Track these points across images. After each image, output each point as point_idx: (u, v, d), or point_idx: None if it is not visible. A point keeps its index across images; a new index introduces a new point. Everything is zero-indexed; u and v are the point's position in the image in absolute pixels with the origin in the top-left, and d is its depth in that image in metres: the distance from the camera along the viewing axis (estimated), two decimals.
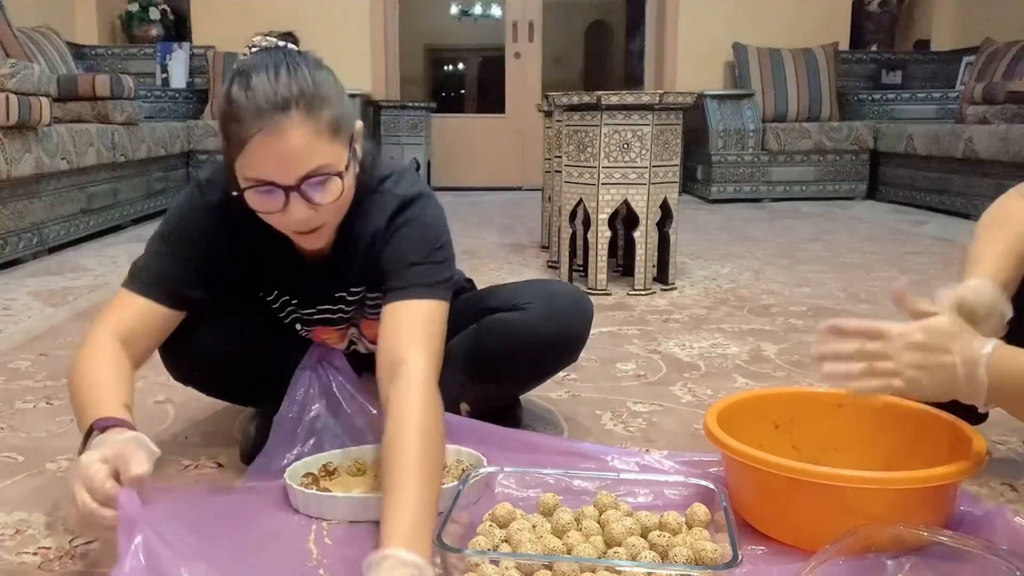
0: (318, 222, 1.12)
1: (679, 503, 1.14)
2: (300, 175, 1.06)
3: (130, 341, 1.17)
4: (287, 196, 1.07)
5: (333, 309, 1.32)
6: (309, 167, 1.06)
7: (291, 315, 1.35)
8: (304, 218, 1.09)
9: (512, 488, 1.19)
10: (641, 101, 2.54)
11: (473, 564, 0.94)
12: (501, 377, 1.38)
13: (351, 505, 1.14)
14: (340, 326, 1.36)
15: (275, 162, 1.04)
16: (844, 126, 5.49)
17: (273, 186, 1.06)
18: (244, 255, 1.25)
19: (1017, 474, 1.29)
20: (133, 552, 0.86)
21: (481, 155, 6.53)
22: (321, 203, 1.09)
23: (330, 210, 1.11)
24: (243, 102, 1.04)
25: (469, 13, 9.32)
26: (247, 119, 1.04)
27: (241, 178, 1.08)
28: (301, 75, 1.06)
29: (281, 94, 1.03)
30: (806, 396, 1.30)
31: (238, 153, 1.06)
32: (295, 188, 1.06)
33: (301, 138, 1.04)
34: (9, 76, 2.96)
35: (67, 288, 2.77)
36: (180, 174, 5.18)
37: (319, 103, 1.06)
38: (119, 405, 1.06)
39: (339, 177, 1.09)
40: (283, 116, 1.03)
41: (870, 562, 0.90)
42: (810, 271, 3.08)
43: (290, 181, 1.06)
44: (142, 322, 1.19)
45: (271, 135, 1.03)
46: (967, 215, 4.45)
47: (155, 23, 5.78)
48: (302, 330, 1.37)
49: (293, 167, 1.05)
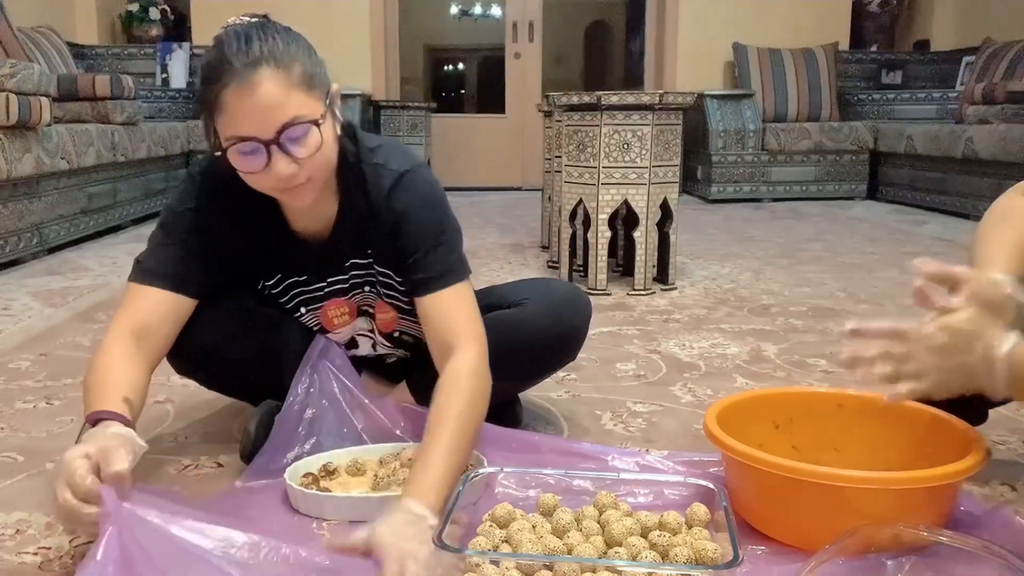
0: (303, 177, 1.13)
1: (679, 503, 1.14)
2: (277, 126, 1.08)
3: (144, 335, 1.19)
4: (268, 151, 1.09)
5: (344, 279, 1.32)
6: (285, 118, 1.08)
7: (297, 298, 1.35)
8: (288, 173, 1.11)
9: (512, 488, 1.19)
10: (641, 101, 2.54)
11: (474, 564, 0.94)
12: (500, 373, 1.38)
13: (351, 505, 1.14)
14: (351, 295, 1.35)
15: (252, 115, 1.07)
16: (844, 126, 5.49)
17: (253, 141, 1.08)
18: (244, 242, 1.27)
19: (1017, 474, 1.29)
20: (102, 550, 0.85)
21: (481, 155, 6.54)
22: (301, 155, 1.10)
23: (313, 164, 1.13)
24: (216, 63, 1.08)
25: (469, 13, 9.33)
26: (222, 77, 1.07)
27: (224, 140, 1.10)
28: (270, 37, 1.10)
29: (252, 53, 1.08)
30: (806, 396, 1.31)
31: (216, 114, 1.09)
32: (275, 141, 1.08)
33: (274, 88, 1.07)
34: (9, 76, 2.96)
35: (67, 288, 2.77)
36: (180, 174, 5.17)
37: (288, 57, 1.09)
38: (117, 399, 1.08)
39: (316, 127, 1.11)
40: (253, 71, 1.07)
41: (870, 562, 0.90)
42: (810, 271, 3.08)
43: (268, 134, 1.08)
44: (154, 313, 1.21)
45: (245, 89, 1.06)
46: (967, 215, 4.45)
47: (155, 23, 5.78)
48: (308, 312, 1.36)
49: (270, 118, 1.08)
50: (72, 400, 1.67)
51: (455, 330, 1.19)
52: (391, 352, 1.45)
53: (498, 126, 6.56)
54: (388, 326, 1.39)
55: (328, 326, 1.37)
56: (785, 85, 5.61)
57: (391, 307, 1.35)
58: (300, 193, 1.16)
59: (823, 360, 1.95)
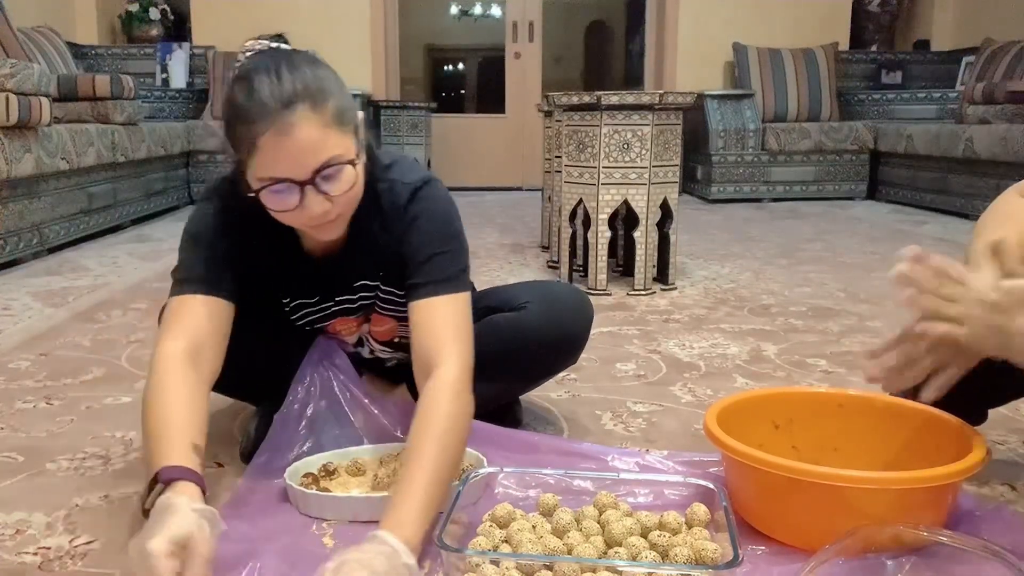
0: (334, 214, 1.12)
1: (679, 503, 1.14)
2: (313, 168, 1.06)
3: (200, 350, 1.13)
4: (302, 191, 1.07)
5: (353, 299, 1.32)
6: (321, 159, 1.06)
7: (306, 317, 1.34)
8: (321, 211, 1.10)
9: (512, 488, 1.19)
10: (641, 101, 2.54)
11: (474, 564, 0.94)
12: (500, 377, 1.38)
13: (351, 505, 1.14)
14: (359, 314, 1.35)
15: (288, 159, 1.05)
16: (844, 126, 5.49)
17: (288, 183, 1.07)
18: (257, 259, 1.24)
19: (1017, 474, 1.29)
20: None
21: (481, 155, 6.53)
22: (336, 194, 1.09)
23: (345, 200, 1.12)
24: (248, 104, 1.05)
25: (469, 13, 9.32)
26: (255, 120, 1.04)
27: (254, 180, 1.08)
28: (301, 71, 1.07)
29: (285, 91, 1.04)
30: (806, 396, 1.31)
31: (249, 155, 1.06)
32: (309, 182, 1.07)
33: (310, 132, 1.05)
34: (9, 76, 2.96)
35: (67, 288, 2.77)
36: (180, 174, 5.18)
37: (322, 96, 1.06)
38: (186, 448, 1.02)
39: (351, 166, 1.10)
40: (290, 113, 1.04)
41: (870, 562, 0.90)
42: (810, 271, 3.08)
43: (304, 176, 1.06)
44: (207, 323, 1.16)
45: (281, 133, 1.04)
46: (967, 215, 4.45)
47: (155, 23, 5.78)
48: (313, 331, 1.37)
49: (306, 161, 1.06)
50: (72, 400, 1.67)
51: (440, 343, 1.14)
52: (391, 356, 1.46)
53: (498, 126, 6.56)
54: (386, 336, 1.40)
55: (336, 337, 1.39)
56: (785, 85, 5.61)
57: (391, 319, 1.35)
58: (330, 228, 1.15)
59: (823, 360, 1.95)
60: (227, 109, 1.08)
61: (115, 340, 2.13)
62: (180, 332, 1.14)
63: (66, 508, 1.19)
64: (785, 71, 5.63)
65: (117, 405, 1.65)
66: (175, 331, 1.14)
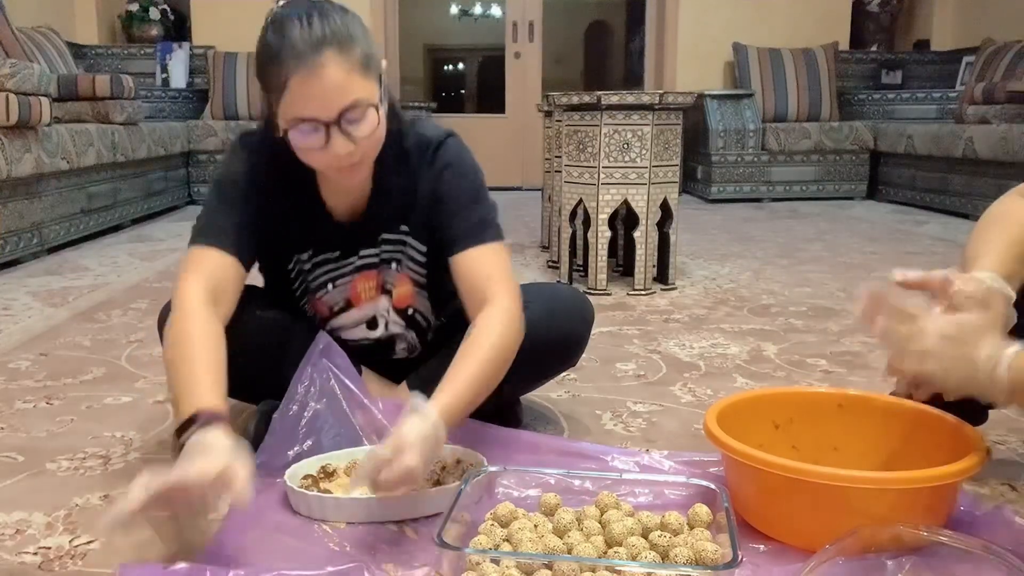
0: (358, 156, 1.18)
1: (680, 503, 1.14)
2: (339, 109, 1.13)
3: (218, 296, 1.20)
4: (328, 132, 1.14)
5: (375, 252, 1.36)
6: (346, 101, 1.13)
7: (327, 275, 1.37)
8: (345, 152, 1.16)
9: (513, 488, 1.19)
10: (641, 101, 2.54)
11: (474, 563, 0.94)
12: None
13: (351, 506, 1.14)
14: (380, 269, 1.38)
15: (315, 99, 1.12)
16: (844, 126, 5.49)
17: (315, 122, 1.13)
18: (282, 213, 1.31)
19: (1017, 474, 1.29)
20: None
21: (481, 155, 6.33)
22: (360, 136, 1.16)
23: (368, 143, 1.18)
24: (280, 46, 1.11)
25: (469, 13, 9.32)
26: (286, 62, 1.11)
27: (283, 120, 1.15)
28: (331, 18, 1.13)
29: (315, 35, 1.11)
30: (806, 396, 1.31)
31: (279, 96, 1.13)
32: (335, 123, 1.13)
33: (337, 74, 1.11)
34: (9, 76, 2.96)
35: (67, 288, 2.77)
36: (180, 174, 5.18)
37: (350, 41, 1.13)
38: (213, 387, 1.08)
39: (375, 109, 1.16)
40: (318, 55, 1.10)
41: (870, 562, 0.90)
42: (810, 271, 3.08)
43: (330, 116, 1.13)
44: (223, 274, 1.23)
45: (309, 74, 1.10)
46: (967, 215, 4.45)
47: (155, 23, 5.78)
48: (336, 289, 1.38)
49: (332, 102, 1.12)
50: (72, 400, 1.67)
51: (491, 282, 1.24)
52: (403, 333, 1.45)
53: (498, 126, 6.55)
54: (403, 301, 1.40)
55: (355, 300, 1.39)
56: (785, 85, 5.61)
57: (409, 281, 1.38)
58: (353, 171, 1.22)
59: (823, 360, 1.95)
60: (260, 51, 1.15)
61: (115, 340, 2.13)
62: (201, 275, 1.21)
63: (66, 508, 1.19)
64: (785, 71, 5.63)
65: (117, 405, 1.65)
66: (197, 273, 1.21)
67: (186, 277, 1.20)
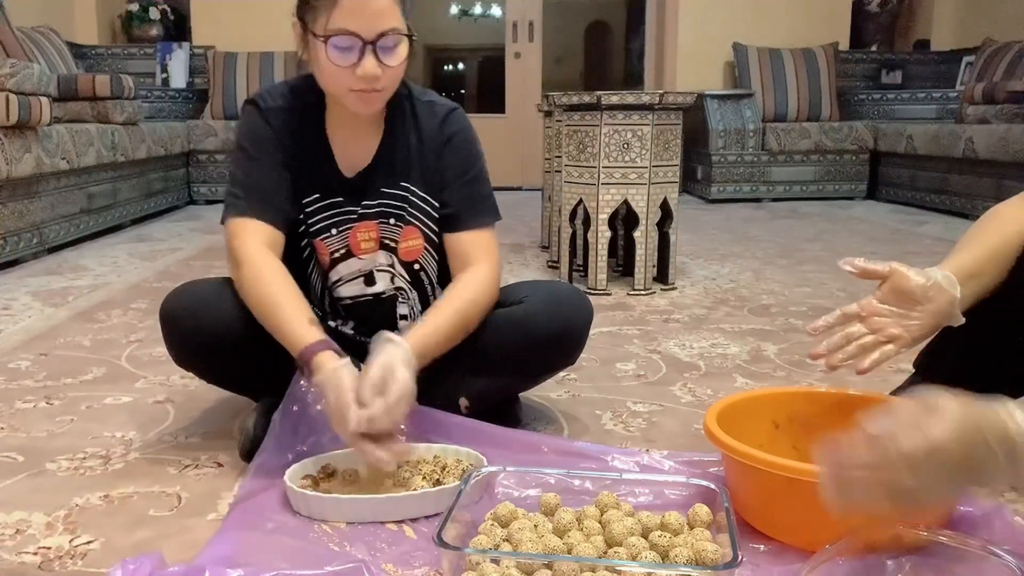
0: (380, 84, 1.27)
1: (680, 503, 1.14)
2: (379, 31, 1.23)
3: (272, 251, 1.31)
4: (363, 51, 1.23)
5: (374, 203, 1.40)
6: (386, 26, 1.24)
7: (331, 219, 1.40)
8: (373, 74, 1.25)
9: (513, 488, 1.19)
10: (641, 101, 2.54)
11: (474, 563, 0.94)
12: (501, 371, 1.39)
13: (351, 506, 1.14)
14: (379, 220, 1.41)
15: (362, 17, 1.22)
16: (844, 126, 5.49)
17: (354, 37, 1.22)
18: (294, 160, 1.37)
19: None
20: None
21: None
22: (389, 64, 1.26)
23: (392, 74, 1.28)
24: None
25: (469, 13, 9.32)
26: None
27: (324, 31, 1.23)
28: None
29: None
30: (806, 396, 1.31)
31: (330, 8, 1.22)
32: (372, 43, 1.23)
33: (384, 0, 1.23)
34: (9, 76, 2.96)
35: (67, 288, 2.77)
36: (180, 174, 5.18)
37: None
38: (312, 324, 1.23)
39: (408, 40, 1.27)
40: None
41: (870, 562, 0.90)
42: (810, 271, 3.08)
43: (370, 35, 1.23)
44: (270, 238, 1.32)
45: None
46: (967, 215, 4.45)
47: (155, 23, 5.77)
48: (338, 234, 1.40)
49: (375, 23, 1.23)
50: (72, 400, 1.67)
51: (477, 257, 1.37)
52: (405, 291, 1.45)
53: (498, 126, 6.55)
54: (412, 255, 1.43)
55: (355, 250, 1.41)
56: (785, 85, 5.61)
57: (419, 233, 1.41)
58: (371, 100, 1.30)
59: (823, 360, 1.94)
60: None
61: (115, 340, 2.13)
62: (254, 234, 1.30)
63: (66, 508, 1.19)
64: (785, 71, 5.63)
65: (117, 405, 1.65)
66: (250, 234, 1.30)
67: (243, 239, 1.30)
